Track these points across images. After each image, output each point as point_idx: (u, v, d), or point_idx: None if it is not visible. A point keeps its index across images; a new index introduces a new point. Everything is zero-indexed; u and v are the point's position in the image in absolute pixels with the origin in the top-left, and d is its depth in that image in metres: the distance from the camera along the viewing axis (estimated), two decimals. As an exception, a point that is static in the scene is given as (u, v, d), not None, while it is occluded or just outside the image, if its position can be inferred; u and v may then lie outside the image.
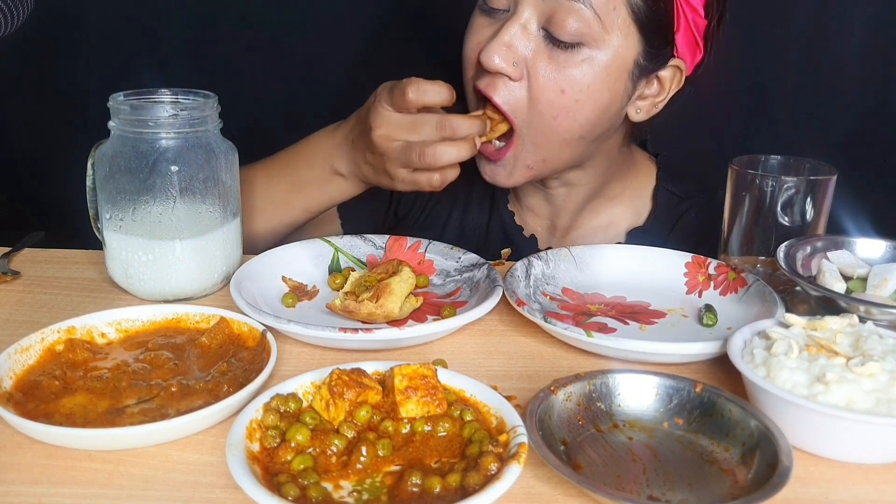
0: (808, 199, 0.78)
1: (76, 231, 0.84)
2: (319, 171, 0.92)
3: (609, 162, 0.96)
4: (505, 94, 0.83)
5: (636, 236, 0.99)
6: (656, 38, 0.84)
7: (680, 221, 0.99)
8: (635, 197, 1.01)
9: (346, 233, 1.00)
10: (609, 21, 0.80)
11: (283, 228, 0.96)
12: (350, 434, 0.54)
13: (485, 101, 0.85)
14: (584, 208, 1.00)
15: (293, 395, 0.57)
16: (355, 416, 0.55)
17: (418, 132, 0.81)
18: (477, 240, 1.04)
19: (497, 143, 0.87)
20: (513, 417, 0.54)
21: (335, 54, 1.30)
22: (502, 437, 0.53)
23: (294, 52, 1.29)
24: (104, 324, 0.68)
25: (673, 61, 0.87)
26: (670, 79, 0.88)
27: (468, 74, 0.88)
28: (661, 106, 0.90)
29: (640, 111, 0.89)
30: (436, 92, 0.79)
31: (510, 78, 0.82)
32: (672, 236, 0.98)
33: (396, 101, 0.80)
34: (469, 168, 1.03)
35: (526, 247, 1.01)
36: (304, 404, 0.57)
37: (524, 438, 0.51)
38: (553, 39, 0.81)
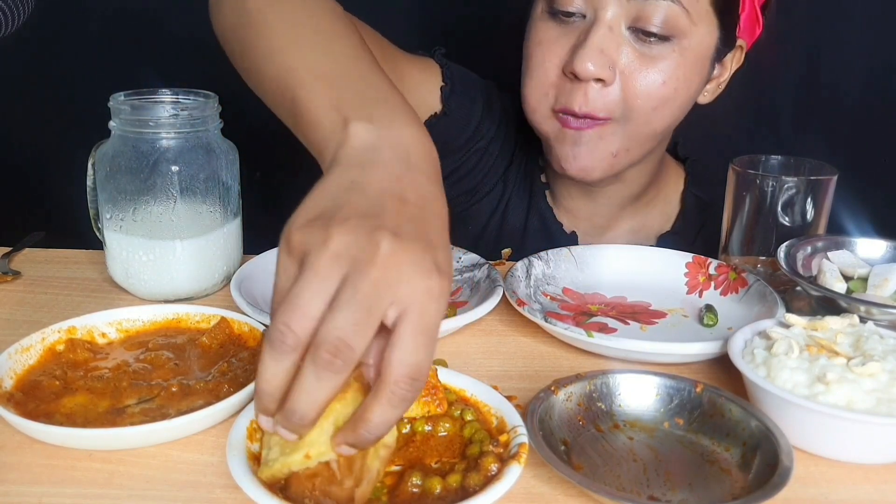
0: (809, 199, 0.78)
1: (76, 231, 0.84)
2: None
3: (657, 158, 0.97)
4: (599, 100, 0.82)
5: (666, 241, 0.99)
6: (729, 21, 0.85)
7: (706, 226, 0.99)
8: (665, 201, 1.02)
9: None
10: (695, 11, 0.81)
11: None
12: None
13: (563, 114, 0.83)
14: (622, 211, 1.00)
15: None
16: None
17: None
18: (515, 236, 1.02)
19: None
20: (513, 417, 0.54)
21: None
22: (503, 437, 0.53)
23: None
24: (105, 324, 0.68)
25: (738, 42, 0.89)
26: (731, 59, 0.90)
27: (541, 87, 0.85)
28: (723, 86, 0.92)
29: (707, 94, 0.91)
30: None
31: (604, 82, 0.81)
32: (698, 240, 0.98)
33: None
34: (504, 162, 1.02)
35: (566, 244, 0.98)
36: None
37: (525, 438, 0.51)
38: (643, 37, 0.81)
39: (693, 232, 1.00)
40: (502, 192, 1.02)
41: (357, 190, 0.49)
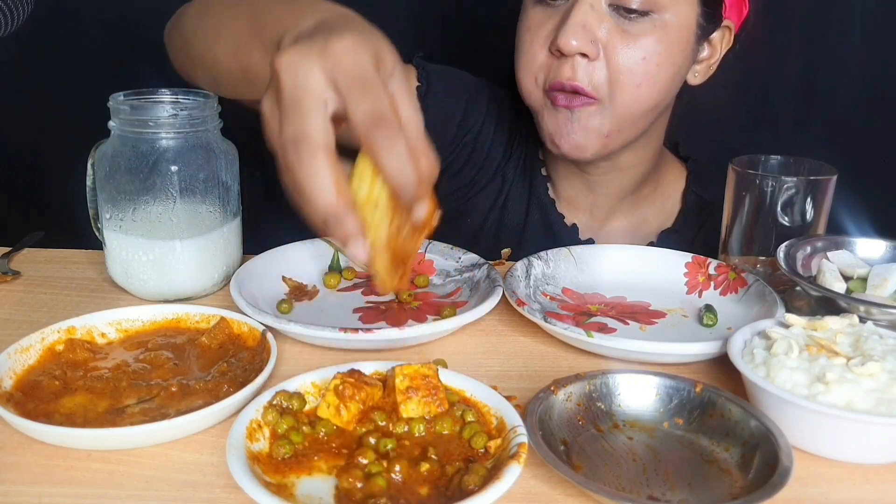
0: (808, 199, 0.78)
1: (76, 231, 0.84)
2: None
3: (655, 146, 0.97)
4: (585, 76, 0.84)
5: (665, 237, 1.00)
6: None
7: (705, 225, 1.00)
8: (665, 198, 1.03)
9: None
10: None
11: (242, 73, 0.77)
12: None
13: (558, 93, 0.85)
14: (620, 203, 1.01)
15: (295, 395, 0.57)
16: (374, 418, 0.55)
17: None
18: (516, 229, 1.03)
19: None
20: (513, 417, 0.54)
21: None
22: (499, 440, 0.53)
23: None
24: (104, 324, 0.68)
25: (724, 22, 0.90)
26: (720, 39, 0.91)
27: (531, 70, 0.87)
28: (714, 67, 0.93)
29: (698, 74, 0.92)
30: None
31: (588, 58, 0.83)
32: (697, 239, 0.99)
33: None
34: (499, 156, 1.03)
35: (567, 236, 1.00)
36: (307, 404, 0.57)
37: (524, 438, 0.51)
38: (623, 13, 0.83)
39: (693, 231, 1.01)
40: (501, 186, 1.03)
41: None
